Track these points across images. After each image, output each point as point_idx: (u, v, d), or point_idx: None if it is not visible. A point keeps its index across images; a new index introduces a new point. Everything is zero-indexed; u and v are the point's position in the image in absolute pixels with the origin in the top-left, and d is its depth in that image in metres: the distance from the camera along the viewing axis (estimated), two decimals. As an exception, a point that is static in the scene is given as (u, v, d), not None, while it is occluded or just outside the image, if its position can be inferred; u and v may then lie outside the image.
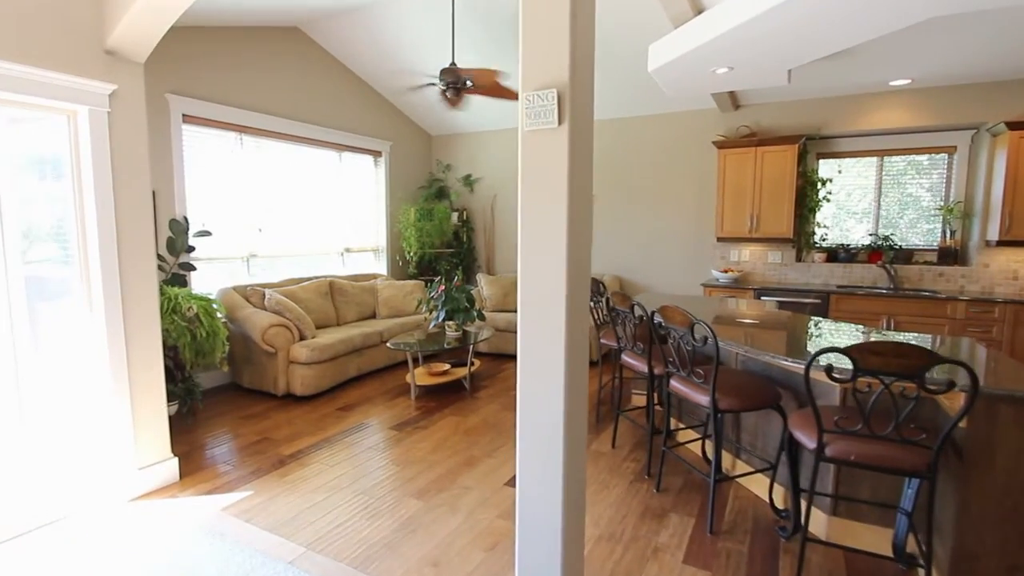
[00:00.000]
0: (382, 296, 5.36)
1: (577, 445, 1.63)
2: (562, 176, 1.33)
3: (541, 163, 1.36)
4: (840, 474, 2.23)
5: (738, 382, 2.40)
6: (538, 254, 1.39)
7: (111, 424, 2.49)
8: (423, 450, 3.16)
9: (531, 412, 1.56)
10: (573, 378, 1.48)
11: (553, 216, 1.35)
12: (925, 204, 4.80)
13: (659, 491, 2.68)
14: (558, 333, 1.40)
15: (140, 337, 2.58)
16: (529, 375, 1.53)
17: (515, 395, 4.22)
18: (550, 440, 1.53)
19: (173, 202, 4.09)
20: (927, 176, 4.86)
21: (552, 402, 1.49)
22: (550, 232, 1.36)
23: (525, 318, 1.48)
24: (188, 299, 3.46)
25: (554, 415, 1.50)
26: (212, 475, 2.83)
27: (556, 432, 1.51)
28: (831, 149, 5.01)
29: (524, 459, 1.65)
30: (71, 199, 2.40)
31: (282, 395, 4.09)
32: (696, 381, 2.36)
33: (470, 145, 6.69)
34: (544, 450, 1.54)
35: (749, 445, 2.76)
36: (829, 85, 4.60)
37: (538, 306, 1.42)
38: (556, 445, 1.52)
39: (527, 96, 1.37)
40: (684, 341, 2.37)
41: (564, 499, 1.57)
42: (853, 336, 2.53)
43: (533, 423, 1.56)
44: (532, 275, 1.41)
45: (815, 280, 5.05)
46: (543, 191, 1.36)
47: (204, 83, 4.25)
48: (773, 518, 2.43)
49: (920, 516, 2.05)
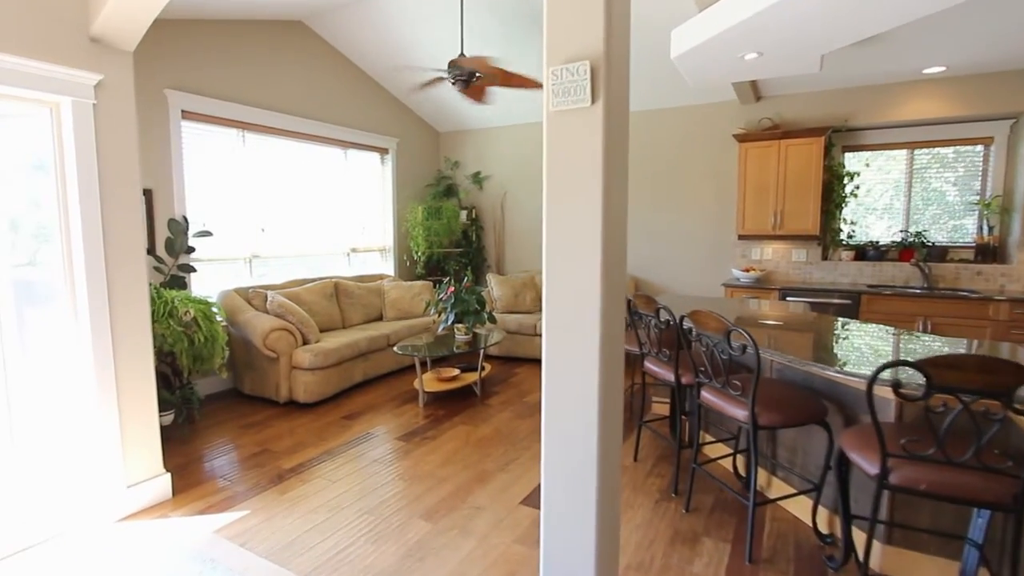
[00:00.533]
0: (389, 297, 5.18)
1: (611, 479, 1.43)
2: (595, 163, 1.13)
3: (571, 148, 1.16)
4: (895, 498, 2.01)
5: (779, 394, 2.18)
6: (567, 255, 1.19)
7: (97, 440, 2.32)
8: (432, 463, 2.97)
9: (559, 449, 1.35)
10: (608, 399, 1.27)
11: (585, 210, 1.15)
12: (950, 199, 4.54)
13: (688, 511, 2.47)
14: (591, 348, 1.20)
15: (129, 346, 2.40)
16: (557, 400, 1.33)
17: (528, 402, 4.02)
18: (582, 479, 1.32)
19: (172, 201, 3.93)
20: (952, 170, 4.60)
21: (583, 431, 1.29)
22: (582, 229, 1.16)
23: (552, 332, 1.28)
24: (185, 302, 3.29)
25: (586, 447, 1.30)
26: (207, 491, 2.65)
27: (588, 467, 1.31)
28: (858, 142, 4.75)
29: (550, 494, 1.44)
30: (54, 198, 2.23)
31: (284, 402, 3.92)
32: (733, 393, 2.14)
33: (479, 141, 6.49)
34: (575, 489, 1.34)
35: (787, 462, 2.54)
36: (857, 74, 4.35)
37: (567, 317, 1.22)
38: (589, 481, 1.32)
39: (553, 71, 1.17)
40: (719, 349, 2.16)
41: (598, 540, 1.36)
42: (906, 343, 2.30)
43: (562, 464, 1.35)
44: (560, 280, 1.21)
45: (842, 279, 4.80)
46: (573, 181, 1.16)
47: (204, 78, 4.09)
48: (817, 544, 2.21)
49: (994, 549, 1.82)
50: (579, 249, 1.17)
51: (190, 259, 4.01)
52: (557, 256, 1.22)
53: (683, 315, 2.41)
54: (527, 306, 5.57)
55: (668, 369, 2.71)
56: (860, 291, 4.31)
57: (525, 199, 6.27)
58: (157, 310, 3.18)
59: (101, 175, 2.28)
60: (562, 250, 1.21)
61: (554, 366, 1.32)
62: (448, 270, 6.20)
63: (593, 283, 1.16)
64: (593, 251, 1.15)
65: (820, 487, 2.22)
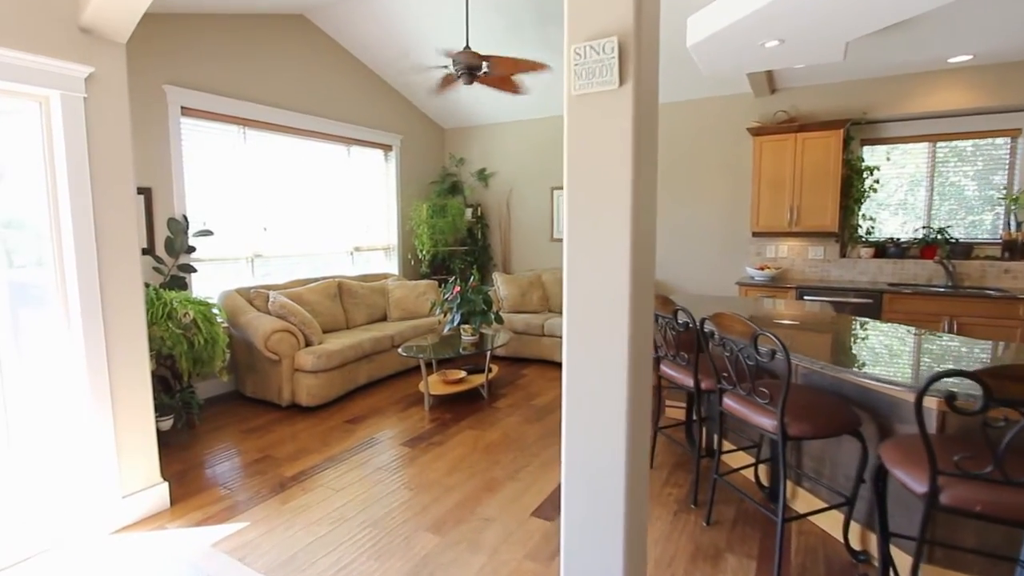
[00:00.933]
0: (393, 297, 5.07)
1: (639, 493, 1.30)
2: (624, 152, 1.01)
3: (596, 136, 1.03)
4: (937, 515, 1.87)
5: (808, 402, 2.05)
6: (593, 252, 1.06)
7: (91, 449, 2.22)
8: (438, 471, 2.85)
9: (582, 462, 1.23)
10: (636, 408, 1.15)
11: (612, 203, 1.02)
12: (968, 194, 4.38)
13: (709, 524, 2.34)
14: (618, 354, 1.07)
15: (124, 351, 2.30)
16: (579, 410, 1.20)
17: (536, 405, 3.90)
18: (608, 495, 1.20)
19: (172, 200, 3.83)
20: (971, 164, 4.44)
21: (609, 443, 1.17)
22: (609, 224, 1.03)
23: (574, 336, 1.16)
24: (185, 304, 3.19)
25: (613, 460, 1.18)
26: (206, 501, 2.55)
27: (614, 483, 1.18)
28: (877, 135, 4.59)
29: (571, 513, 1.32)
30: (43, 196, 2.12)
31: (287, 405, 3.82)
32: (760, 402, 2.01)
33: (484, 138, 6.37)
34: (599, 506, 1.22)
35: (813, 472, 2.40)
36: (878, 64, 4.18)
37: (592, 320, 1.10)
38: (615, 500, 1.19)
39: (576, 50, 1.05)
40: (744, 355, 2.02)
41: (625, 561, 1.24)
42: (940, 346, 2.16)
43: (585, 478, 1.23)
44: (584, 279, 1.08)
45: (862, 278, 4.64)
46: (599, 172, 1.04)
47: (204, 74, 3.98)
48: (850, 562, 2.08)
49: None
50: (606, 245, 1.05)
51: (190, 259, 3.91)
52: (581, 253, 1.09)
53: (704, 317, 2.28)
54: (534, 306, 5.44)
55: (686, 374, 2.58)
56: (882, 290, 4.15)
57: (531, 196, 6.14)
58: (156, 312, 3.08)
59: (93, 172, 2.18)
60: (587, 247, 1.08)
61: (577, 372, 1.20)
62: (453, 269, 6.09)
63: (621, 283, 1.04)
64: (621, 248, 1.02)
65: (852, 501, 2.09)
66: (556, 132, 5.92)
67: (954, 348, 2.13)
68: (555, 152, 5.94)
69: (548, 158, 5.99)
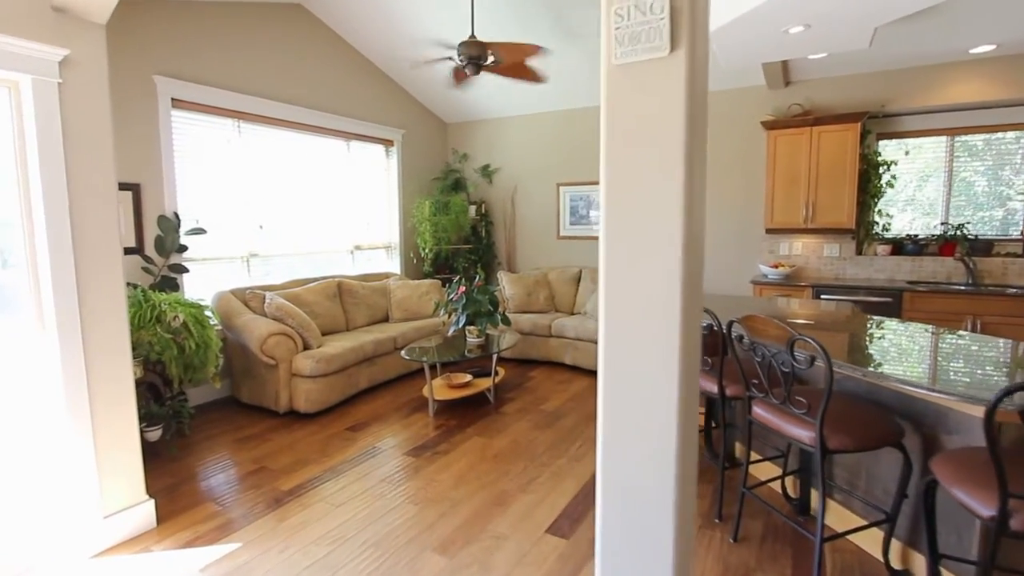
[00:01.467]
0: (395, 297, 4.90)
1: (687, 531, 1.14)
2: (675, 132, 0.84)
3: (641, 113, 0.87)
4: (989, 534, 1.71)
5: (846, 411, 1.89)
6: (636, 253, 0.90)
7: (69, 467, 2.05)
8: (445, 483, 2.69)
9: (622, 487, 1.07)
10: (686, 433, 0.99)
11: (661, 195, 0.86)
12: (979, 189, 4.25)
13: (736, 541, 2.19)
14: (666, 363, 0.91)
15: (105, 362, 2.13)
16: (619, 433, 1.04)
17: (546, 410, 3.74)
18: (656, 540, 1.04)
19: (162, 196, 3.66)
20: (981, 159, 4.30)
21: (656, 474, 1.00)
22: (656, 220, 0.87)
23: (614, 350, 0.99)
24: (175, 306, 3.02)
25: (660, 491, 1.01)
26: (196, 519, 2.38)
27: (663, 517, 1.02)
28: (894, 128, 4.43)
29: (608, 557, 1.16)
30: (14, 190, 1.95)
31: (284, 412, 3.65)
32: (796, 412, 1.85)
33: (488, 132, 6.19)
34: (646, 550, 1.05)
35: (846, 483, 2.24)
36: (897, 55, 4.02)
37: (634, 333, 0.94)
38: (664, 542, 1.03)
39: (619, 10, 0.88)
40: (779, 361, 1.86)
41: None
42: (981, 348, 2.00)
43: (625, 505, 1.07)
44: (624, 280, 0.92)
45: (879, 276, 4.48)
46: (644, 156, 0.87)
47: (196, 64, 3.81)
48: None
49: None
50: (653, 243, 0.88)
51: (182, 259, 3.74)
52: (622, 251, 0.93)
53: (732, 320, 2.11)
54: (540, 305, 5.28)
55: (709, 380, 2.42)
56: (901, 288, 4.00)
57: (537, 193, 5.97)
58: (143, 315, 2.91)
59: (69, 165, 2.01)
60: (630, 244, 0.92)
61: (616, 389, 1.03)
62: (457, 268, 5.92)
63: (671, 284, 0.88)
64: (672, 246, 0.86)
65: (894, 517, 1.93)
66: (562, 126, 5.75)
67: (1002, 352, 1.97)
68: (561, 147, 5.77)
69: (554, 153, 5.82)
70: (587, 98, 5.43)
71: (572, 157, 5.73)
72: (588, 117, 5.61)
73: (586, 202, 5.68)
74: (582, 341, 4.63)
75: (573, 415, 3.62)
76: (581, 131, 5.66)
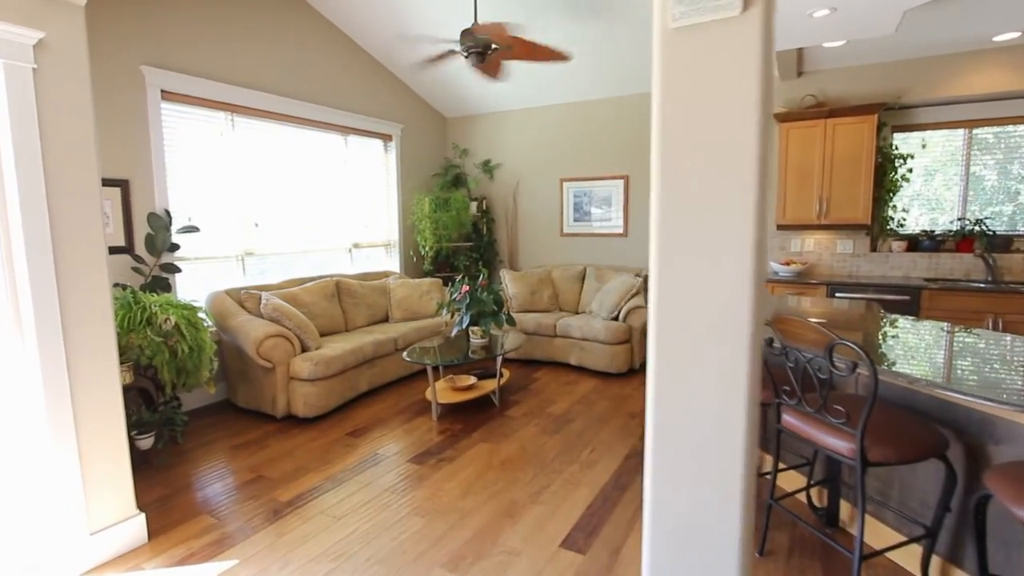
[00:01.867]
0: (395, 297, 4.76)
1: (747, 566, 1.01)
2: (748, 106, 0.71)
3: (706, 84, 0.73)
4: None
5: (885, 419, 1.76)
6: (697, 245, 0.76)
7: (52, 482, 1.92)
8: (452, 493, 2.56)
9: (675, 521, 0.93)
10: (751, 461, 0.86)
11: (729, 185, 0.72)
12: (988, 184, 4.14)
13: (762, 555, 2.06)
14: (734, 394, 0.78)
15: (89, 370, 1.99)
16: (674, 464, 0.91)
17: (553, 413, 3.61)
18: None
19: (152, 193, 3.51)
20: (991, 153, 4.18)
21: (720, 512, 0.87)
22: (723, 206, 0.73)
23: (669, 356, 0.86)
24: (166, 308, 2.88)
25: (725, 530, 0.88)
26: (190, 532, 2.25)
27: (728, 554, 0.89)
28: (909, 121, 4.30)
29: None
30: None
31: (282, 417, 3.51)
32: (834, 421, 1.72)
33: (488, 127, 6.04)
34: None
35: (878, 493, 2.12)
36: (914, 44, 3.88)
37: (693, 353, 0.80)
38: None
39: (674, -36, 0.74)
40: (814, 367, 1.73)
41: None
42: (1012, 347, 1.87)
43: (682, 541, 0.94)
44: (682, 281, 0.78)
45: (894, 273, 4.36)
46: (710, 137, 0.73)
47: (187, 54, 3.64)
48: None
49: None
50: (718, 239, 0.75)
51: (174, 258, 3.59)
52: (677, 249, 0.79)
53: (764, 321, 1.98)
54: (544, 304, 5.14)
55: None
56: (919, 286, 3.88)
57: (540, 189, 5.83)
58: (133, 317, 2.77)
59: (47, 158, 1.86)
60: (688, 240, 0.78)
61: (671, 407, 0.90)
62: (458, 266, 5.78)
63: (739, 288, 0.74)
64: (741, 239, 0.73)
65: (934, 532, 1.81)
66: (565, 120, 5.60)
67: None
68: (564, 141, 5.63)
69: (557, 148, 5.68)
70: (590, 90, 5.28)
71: (575, 152, 5.59)
72: (592, 110, 5.46)
73: (590, 198, 5.55)
74: (588, 341, 4.50)
75: (581, 419, 3.50)
76: (585, 125, 5.51)
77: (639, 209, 5.33)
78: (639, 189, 5.32)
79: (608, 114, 5.37)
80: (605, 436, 3.21)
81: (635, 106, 5.23)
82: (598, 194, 5.50)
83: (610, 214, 5.46)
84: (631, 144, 5.29)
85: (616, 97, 5.31)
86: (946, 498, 1.77)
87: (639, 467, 2.80)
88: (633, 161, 5.30)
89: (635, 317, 4.44)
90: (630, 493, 2.54)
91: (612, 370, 4.39)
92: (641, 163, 5.27)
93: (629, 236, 5.40)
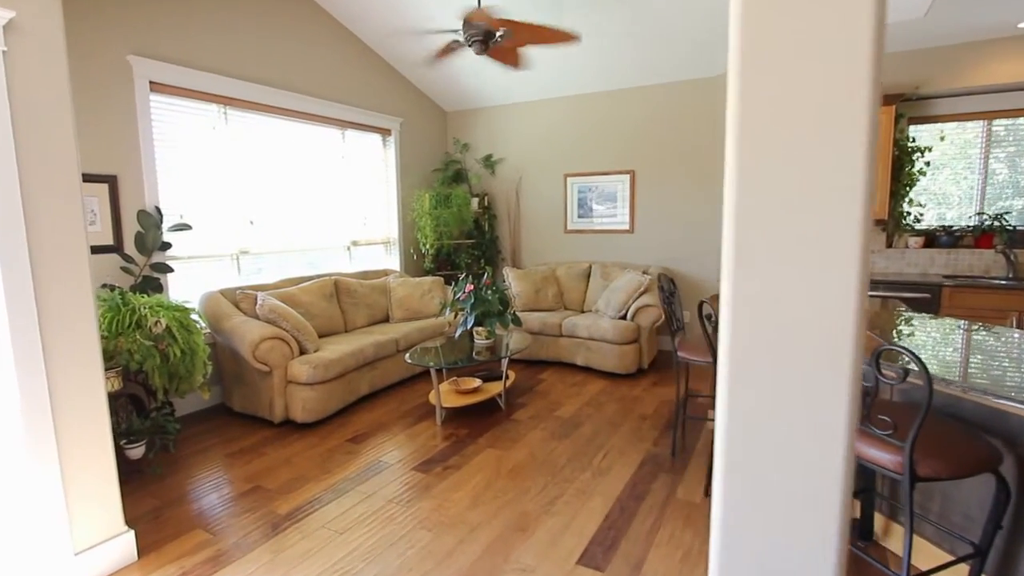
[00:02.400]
0: (396, 296, 4.62)
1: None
2: (859, 73, 0.56)
3: (802, 51, 0.59)
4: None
5: (932, 430, 1.63)
6: (788, 247, 0.63)
7: (31, 500, 1.77)
8: (459, 504, 2.43)
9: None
10: (847, 501, 0.72)
11: (832, 163, 0.59)
12: (1000, 178, 4.03)
13: (793, 573, 1.93)
14: (832, 423, 0.65)
15: (70, 379, 1.85)
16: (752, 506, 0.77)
17: (561, 417, 3.48)
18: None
19: (142, 189, 3.35)
20: (1002, 147, 4.07)
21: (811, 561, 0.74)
22: (824, 200, 0.60)
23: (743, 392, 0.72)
24: (156, 310, 2.73)
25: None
26: (183, 549, 2.11)
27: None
28: (926, 112, 4.16)
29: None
30: (-44, 180, 1.66)
31: (280, 422, 3.37)
32: (880, 434, 1.59)
33: (490, 121, 5.88)
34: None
35: (917, 506, 1.99)
36: (935, 32, 3.73)
37: (781, 370, 0.67)
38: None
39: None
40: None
41: None
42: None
43: None
44: (766, 295, 0.65)
45: (910, 270, 4.24)
46: (806, 103, 0.59)
47: (177, 44, 3.48)
48: (985, 628, 1.68)
49: None
50: (818, 236, 0.61)
51: (165, 257, 3.44)
52: (761, 240, 0.65)
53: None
54: (549, 303, 5.01)
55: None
56: (938, 283, 3.75)
57: (543, 184, 5.68)
58: (121, 320, 2.62)
59: (20, 150, 1.71)
60: (778, 230, 0.64)
61: (750, 437, 0.76)
62: (459, 264, 5.63)
63: (843, 291, 0.61)
64: (846, 240, 0.60)
65: (984, 551, 1.68)
66: (569, 113, 5.45)
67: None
68: (568, 135, 5.48)
69: (560, 142, 5.53)
70: (595, 82, 5.13)
71: (579, 146, 5.44)
72: (597, 103, 5.31)
73: (595, 194, 5.40)
74: (595, 341, 4.37)
75: (591, 422, 3.37)
76: (589, 118, 5.36)
77: (645, 205, 5.19)
78: (645, 184, 5.17)
79: (613, 107, 5.22)
80: (617, 441, 3.08)
81: (641, 99, 5.08)
82: (603, 190, 5.36)
83: (615, 210, 5.32)
84: (637, 138, 5.15)
85: (621, 90, 5.16)
86: (998, 515, 1.65)
87: (655, 475, 2.67)
88: (639, 156, 5.16)
89: (643, 316, 4.31)
90: (647, 503, 2.41)
91: (620, 370, 4.26)
92: (647, 158, 5.12)
93: (635, 233, 5.26)
